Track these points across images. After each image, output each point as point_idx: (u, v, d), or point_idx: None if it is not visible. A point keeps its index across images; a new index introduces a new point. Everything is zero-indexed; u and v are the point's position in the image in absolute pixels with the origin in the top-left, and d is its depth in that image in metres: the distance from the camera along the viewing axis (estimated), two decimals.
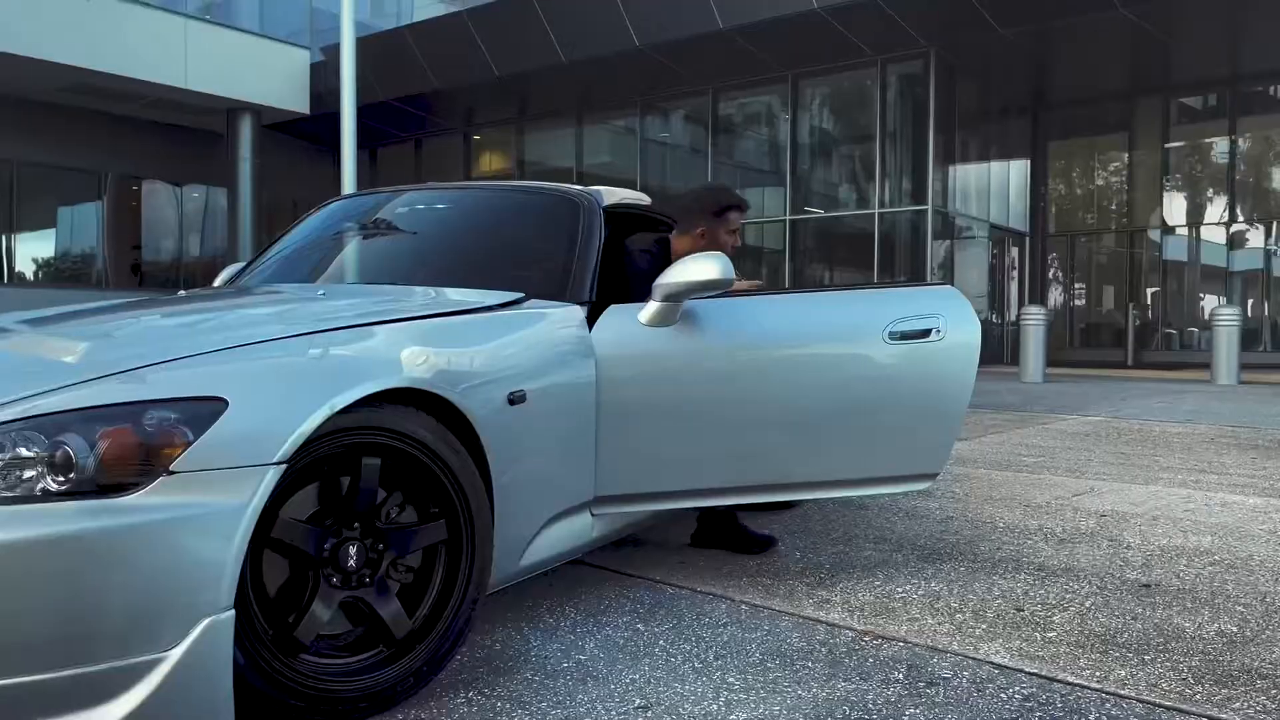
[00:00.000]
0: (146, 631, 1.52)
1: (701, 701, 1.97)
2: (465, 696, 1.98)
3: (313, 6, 18.45)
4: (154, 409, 1.62)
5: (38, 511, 1.50)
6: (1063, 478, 4.63)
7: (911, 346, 2.80)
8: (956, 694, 2.01)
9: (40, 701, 1.46)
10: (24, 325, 2.30)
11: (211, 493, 1.59)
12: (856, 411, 2.78)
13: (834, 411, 2.77)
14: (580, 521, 2.58)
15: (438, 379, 2.03)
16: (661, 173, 17.63)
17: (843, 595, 2.70)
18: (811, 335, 2.81)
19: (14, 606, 1.45)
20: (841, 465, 2.80)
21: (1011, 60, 14.36)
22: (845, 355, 2.81)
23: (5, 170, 15.87)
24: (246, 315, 2.26)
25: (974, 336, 2.85)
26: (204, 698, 1.56)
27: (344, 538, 1.86)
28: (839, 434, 2.78)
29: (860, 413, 2.78)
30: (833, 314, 2.88)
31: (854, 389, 2.79)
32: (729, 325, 2.74)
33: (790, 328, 2.80)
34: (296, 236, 3.35)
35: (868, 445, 2.81)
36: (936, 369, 2.82)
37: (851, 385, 2.79)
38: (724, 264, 2.60)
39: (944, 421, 2.85)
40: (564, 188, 3.14)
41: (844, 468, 2.81)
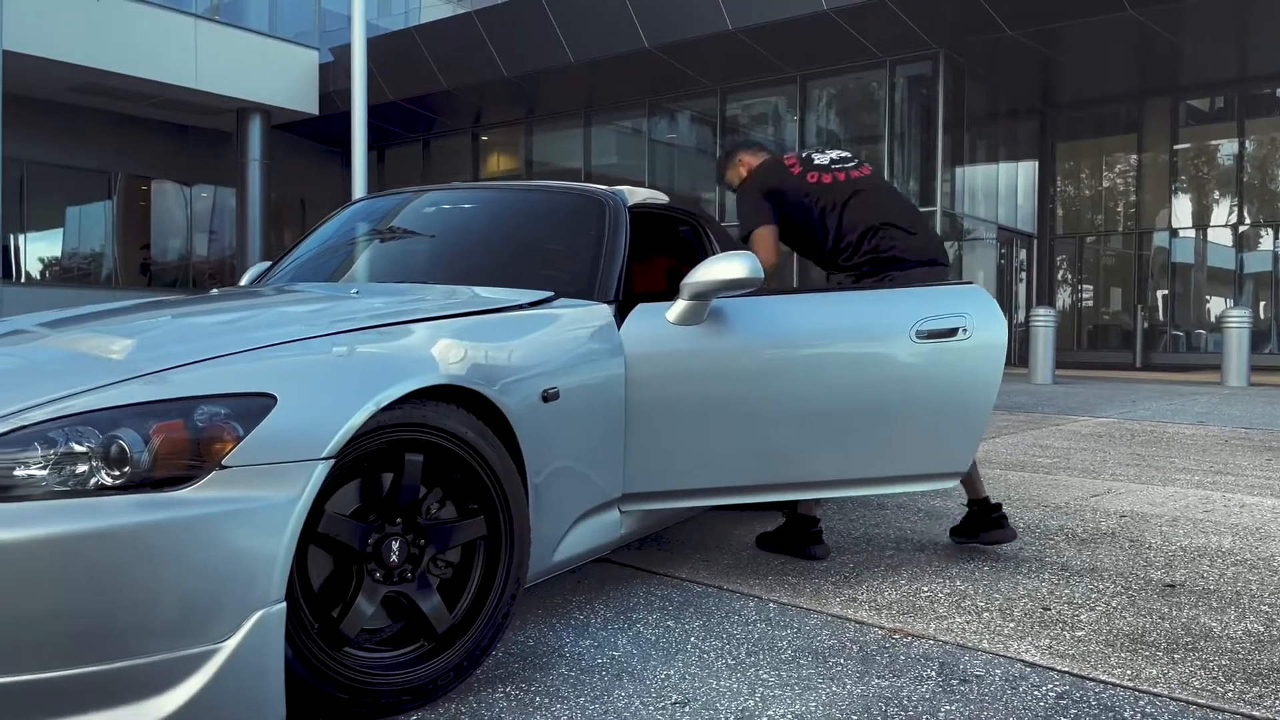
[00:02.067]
0: (201, 624, 1.54)
1: (738, 697, 1.98)
2: (504, 691, 2.00)
3: (321, 7, 18.49)
4: (205, 405, 1.65)
5: (93, 505, 1.52)
6: (1079, 479, 4.64)
7: (939, 345, 2.82)
8: (990, 691, 2.02)
9: (97, 693, 1.48)
10: (58, 325, 2.32)
11: (262, 487, 1.61)
12: (884, 410, 2.79)
13: (862, 410, 2.78)
14: (609, 518, 2.60)
15: (477, 376, 2.05)
16: (669, 173, 17.65)
17: (869, 594, 2.71)
18: (840, 334, 2.82)
19: (71, 599, 1.47)
20: (868, 464, 2.81)
21: (1020, 61, 14.36)
22: (873, 354, 2.82)
23: (15, 170, 15.90)
24: (286, 313, 2.28)
25: (1000, 336, 2.87)
26: (256, 689, 1.58)
27: (386, 533, 1.88)
28: (866, 433, 2.79)
29: (888, 411, 2.80)
30: (861, 313, 2.88)
31: (882, 388, 2.80)
32: (757, 324, 2.75)
33: (818, 327, 2.81)
34: (322, 236, 3.37)
35: (895, 444, 2.82)
36: (964, 368, 2.84)
37: (879, 384, 2.80)
38: (752, 263, 2.61)
39: (970, 421, 2.86)
40: (590, 187, 3.16)
41: (871, 466, 2.82)
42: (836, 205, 3.22)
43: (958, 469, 2.90)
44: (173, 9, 15.30)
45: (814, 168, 3.29)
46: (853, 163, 3.33)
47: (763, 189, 3.29)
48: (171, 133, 17.86)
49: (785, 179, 3.29)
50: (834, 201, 3.23)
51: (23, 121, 14.71)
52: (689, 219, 3.72)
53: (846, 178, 3.27)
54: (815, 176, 3.26)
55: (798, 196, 3.25)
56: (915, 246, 3.20)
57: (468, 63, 16.32)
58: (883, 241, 3.18)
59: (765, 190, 3.28)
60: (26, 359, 1.98)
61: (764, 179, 3.32)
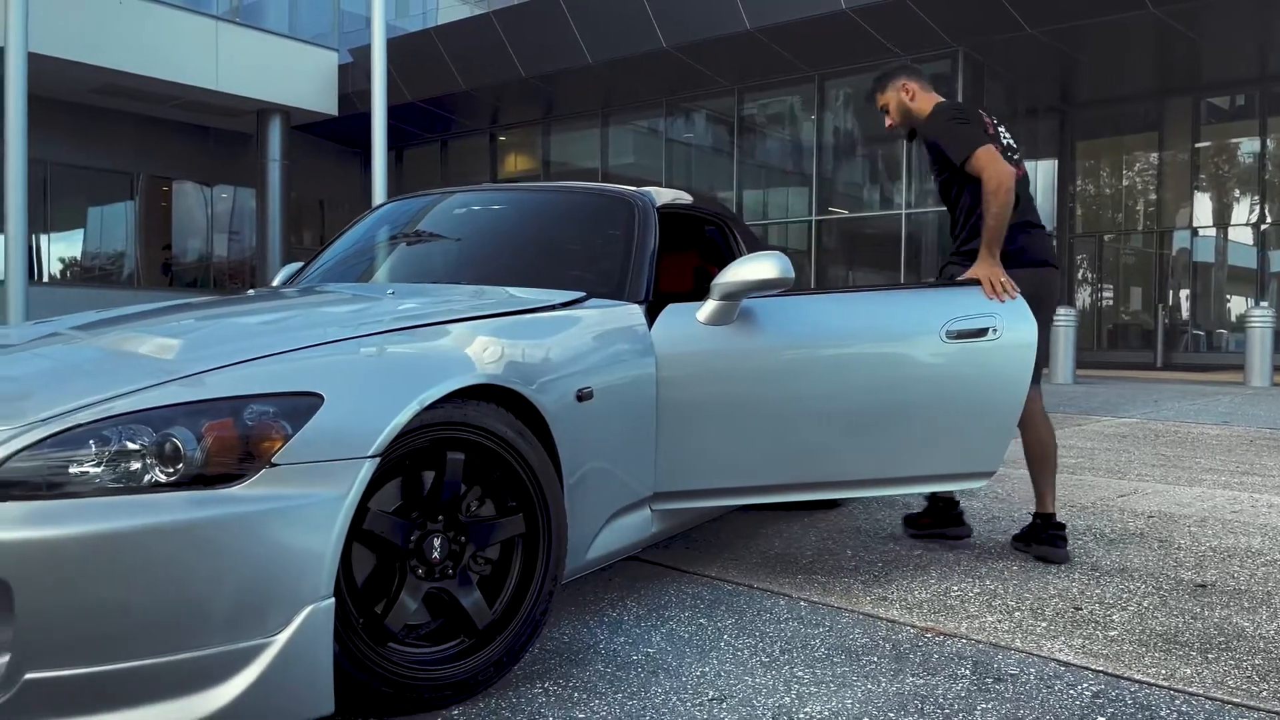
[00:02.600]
0: (253, 618, 1.57)
1: (774, 694, 2.00)
2: (542, 687, 2.03)
3: (340, 8, 18.59)
4: (254, 404, 1.68)
5: (147, 502, 1.56)
6: (1105, 479, 4.63)
7: (968, 345, 2.82)
8: (1026, 690, 2.03)
9: (156, 684, 1.51)
10: (100, 325, 2.36)
11: (311, 484, 1.64)
12: (914, 410, 2.80)
13: (891, 409, 2.78)
14: (640, 517, 2.62)
15: (515, 376, 2.08)
16: (686, 173, 17.65)
17: (899, 593, 2.72)
18: (869, 334, 2.83)
19: (128, 593, 1.51)
20: (898, 463, 2.82)
21: (1040, 60, 14.30)
22: (904, 354, 2.83)
23: (39, 171, 16.07)
24: (327, 314, 2.32)
25: (1031, 336, 2.86)
26: (307, 682, 1.62)
27: (428, 530, 1.90)
28: (896, 432, 2.80)
29: (917, 411, 2.80)
30: (891, 313, 2.90)
31: (912, 387, 2.80)
32: (787, 324, 2.76)
33: (848, 326, 2.83)
34: (353, 238, 3.41)
35: (924, 443, 2.82)
36: (994, 368, 2.84)
37: (910, 384, 2.81)
38: (783, 264, 2.62)
39: (1001, 421, 2.86)
40: (619, 188, 3.18)
41: (901, 465, 2.82)
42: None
43: (988, 469, 2.90)
44: (194, 11, 15.43)
45: (1000, 144, 3.10)
46: (1017, 156, 3.21)
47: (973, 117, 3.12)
48: (192, 134, 18.01)
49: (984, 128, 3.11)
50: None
51: (47, 123, 14.87)
52: (715, 219, 3.74)
53: (1020, 174, 3.14)
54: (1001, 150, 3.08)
55: None
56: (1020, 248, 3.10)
57: (486, 63, 16.38)
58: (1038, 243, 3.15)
59: (967, 118, 3.11)
60: (75, 359, 2.02)
61: (965, 111, 3.15)
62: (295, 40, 16.89)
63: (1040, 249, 3.17)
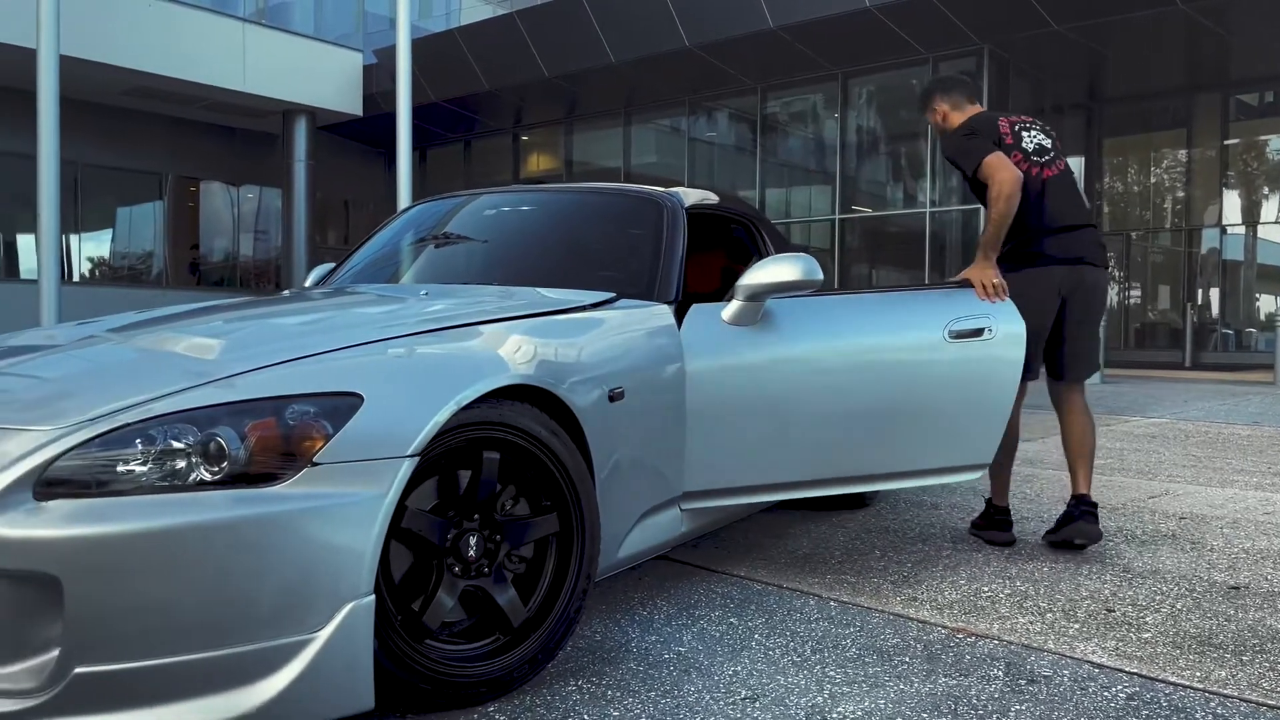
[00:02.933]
0: (296, 614, 1.60)
1: (806, 693, 2.01)
2: (576, 684, 2.04)
3: (364, 9, 18.71)
4: (296, 404, 1.70)
5: (193, 500, 1.59)
6: (1135, 479, 4.59)
7: (967, 344, 2.96)
8: (1060, 691, 2.03)
9: (202, 679, 1.54)
10: (140, 326, 2.40)
11: (352, 483, 1.67)
12: (921, 406, 2.91)
13: (902, 406, 2.89)
14: (670, 516, 2.63)
15: (549, 376, 2.10)
16: (709, 172, 17.63)
17: (929, 594, 2.72)
18: (883, 334, 2.94)
19: (174, 590, 1.54)
20: (907, 457, 2.93)
21: (1066, 56, 14.18)
22: (912, 353, 2.94)
23: (69, 171, 16.30)
24: (364, 315, 2.34)
25: (1021, 334, 3.01)
26: (347, 677, 1.64)
27: (464, 528, 1.92)
28: (906, 427, 2.91)
29: (924, 407, 2.92)
30: (901, 313, 3.01)
31: (919, 385, 2.92)
32: (806, 324, 2.82)
33: (863, 326, 2.93)
34: (384, 239, 3.44)
35: (930, 438, 2.95)
36: (989, 366, 2.98)
37: (917, 381, 2.92)
38: (809, 265, 2.67)
39: (996, 415, 3.00)
40: (648, 189, 3.20)
41: (909, 459, 2.94)
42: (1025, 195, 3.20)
43: (984, 460, 3.02)
44: (221, 13, 15.59)
45: (1020, 150, 3.25)
46: (1047, 156, 3.28)
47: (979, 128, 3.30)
48: (220, 135, 18.19)
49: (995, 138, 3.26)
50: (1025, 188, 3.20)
51: (77, 124, 15.08)
52: (742, 218, 3.74)
53: (1038, 174, 3.24)
54: (1018, 158, 3.23)
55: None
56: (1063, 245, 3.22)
57: (509, 63, 16.44)
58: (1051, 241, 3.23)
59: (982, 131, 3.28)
60: (118, 360, 2.05)
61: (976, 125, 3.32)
62: (320, 41, 17.02)
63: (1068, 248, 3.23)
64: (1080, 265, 3.23)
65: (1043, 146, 3.29)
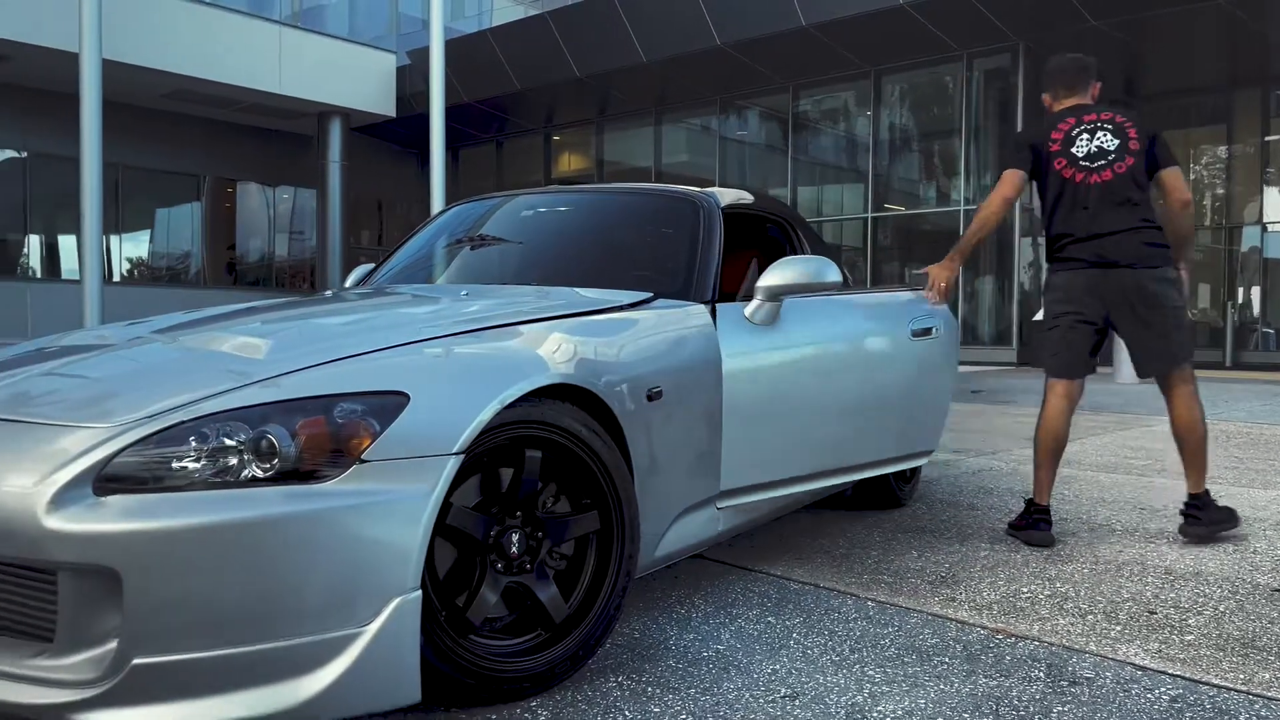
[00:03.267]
0: (345, 608, 1.63)
1: (846, 692, 2.01)
2: (616, 681, 2.06)
3: (398, 11, 18.86)
4: (344, 402, 1.74)
5: (245, 496, 1.62)
6: (1175, 481, 4.53)
7: (922, 342, 3.34)
8: (1102, 693, 2.02)
9: (255, 670, 1.57)
10: (187, 327, 2.45)
11: (399, 480, 1.70)
12: (898, 398, 3.28)
13: (886, 399, 3.23)
14: (707, 515, 2.65)
15: (589, 375, 2.12)
16: (740, 171, 17.60)
17: (967, 594, 2.72)
18: (870, 332, 3.26)
19: (228, 583, 1.57)
20: (883, 447, 3.23)
21: (1103, 52, 13.97)
22: (890, 350, 3.30)
23: (110, 173, 16.62)
24: (406, 315, 2.38)
25: (957, 333, 3.56)
26: (394, 671, 1.67)
27: (507, 525, 1.95)
28: (886, 419, 3.24)
29: (899, 399, 3.28)
30: (880, 313, 3.35)
31: (894, 379, 3.28)
32: (813, 323, 3.00)
33: (856, 325, 3.22)
34: (423, 240, 3.48)
35: (898, 427, 3.29)
36: (936, 361, 3.39)
37: (892, 376, 3.28)
38: (829, 266, 2.83)
39: (944, 405, 3.48)
40: (684, 189, 3.21)
41: (884, 449, 3.24)
42: (1063, 201, 3.30)
43: (933, 447, 3.52)
44: (258, 17, 15.79)
45: (1067, 156, 3.31)
46: (1105, 160, 3.28)
47: (1022, 140, 3.45)
48: (256, 136, 18.44)
49: (1041, 145, 3.36)
50: (1061, 195, 3.31)
51: (118, 127, 15.37)
52: (777, 218, 3.75)
53: (1084, 181, 3.28)
54: (1062, 164, 3.31)
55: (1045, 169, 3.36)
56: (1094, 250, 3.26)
57: (541, 63, 16.51)
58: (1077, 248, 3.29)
59: (1024, 142, 3.43)
60: (171, 360, 2.10)
61: (1028, 133, 3.48)
62: (355, 43, 17.21)
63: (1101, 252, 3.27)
64: (1115, 268, 3.25)
65: (1102, 150, 3.29)
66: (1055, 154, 3.31)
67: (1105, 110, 3.40)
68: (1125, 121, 3.33)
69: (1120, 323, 3.30)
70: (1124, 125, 3.32)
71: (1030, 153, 3.37)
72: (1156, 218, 3.31)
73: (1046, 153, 3.33)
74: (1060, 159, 3.30)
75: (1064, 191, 3.31)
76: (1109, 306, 3.29)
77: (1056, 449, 3.38)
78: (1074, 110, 3.40)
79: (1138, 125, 3.33)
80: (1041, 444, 3.39)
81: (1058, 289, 3.35)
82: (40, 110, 15.25)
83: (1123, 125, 3.32)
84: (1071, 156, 3.30)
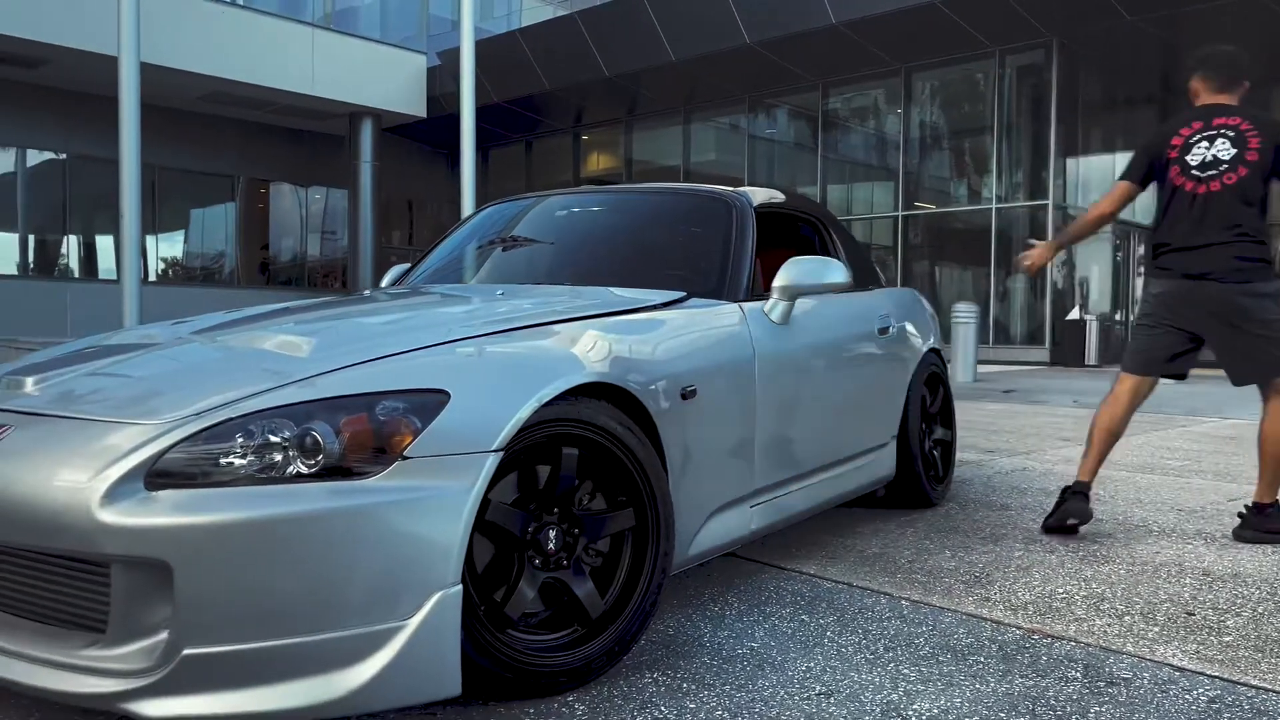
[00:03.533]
0: (388, 602, 1.66)
1: (881, 690, 2.02)
2: (651, 677, 2.08)
3: (428, 12, 18.99)
4: (386, 400, 1.77)
5: (291, 491, 1.66)
6: (1213, 482, 4.49)
7: (885, 338, 3.55)
8: (1140, 694, 2.01)
9: (301, 662, 1.61)
10: (231, 326, 2.49)
11: (440, 477, 1.73)
12: (870, 391, 3.48)
13: (864, 394, 3.42)
14: (740, 514, 2.66)
15: (624, 374, 2.14)
16: (769, 169, 17.56)
17: (1002, 594, 2.71)
18: (858, 329, 3.40)
19: (275, 576, 1.61)
20: (861, 439, 3.39)
21: (1139, 48, 13.82)
22: (869, 346, 3.47)
23: (147, 175, 16.90)
24: (444, 314, 2.41)
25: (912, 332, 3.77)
26: (436, 664, 1.70)
27: (544, 522, 1.98)
28: (864, 411, 3.43)
29: (871, 391, 3.48)
30: (865, 310, 3.51)
31: (869, 374, 3.48)
32: (818, 320, 3.09)
33: (849, 322, 3.35)
34: (457, 240, 3.52)
35: (870, 420, 3.47)
36: (895, 356, 3.63)
37: (868, 370, 3.48)
38: (838, 266, 2.91)
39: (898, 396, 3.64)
40: (717, 189, 3.23)
41: (861, 441, 3.39)
42: (1171, 209, 3.32)
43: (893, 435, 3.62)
44: (292, 19, 15.97)
45: (1181, 164, 3.31)
46: (1217, 170, 3.25)
47: (1142, 148, 3.47)
48: (288, 138, 18.65)
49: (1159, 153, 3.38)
50: (1171, 202, 3.32)
51: (154, 129, 15.61)
52: (810, 217, 3.75)
53: (1194, 190, 3.28)
54: (1176, 172, 3.32)
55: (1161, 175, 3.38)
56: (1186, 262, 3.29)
57: (570, 63, 16.57)
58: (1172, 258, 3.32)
59: (1142, 150, 3.46)
60: (217, 358, 2.15)
61: (1150, 139, 3.45)
62: (386, 45, 17.35)
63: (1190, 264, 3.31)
64: (1203, 281, 3.26)
65: (1217, 159, 3.26)
66: (1172, 160, 3.32)
67: (1236, 114, 3.32)
68: (1250, 129, 3.26)
69: (1210, 334, 3.32)
70: (1246, 133, 3.25)
71: (1146, 161, 3.40)
72: (1261, 230, 3.26)
73: (1164, 160, 3.35)
74: (1175, 166, 3.31)
75: (1174, 199, 3.32)
76: (1199, 317, 3.30)
77: (1108, 437, 3.45)
78: (1206, 112, 3.35)
79: (1264, 133, 3.25)
80: (1097, 427, 3.46)
81: (1154, 296, 3.39)
82: (79, 113, 15.54)
83: (1245, 133, 3.25)
84: (1185, 165, 3.30)
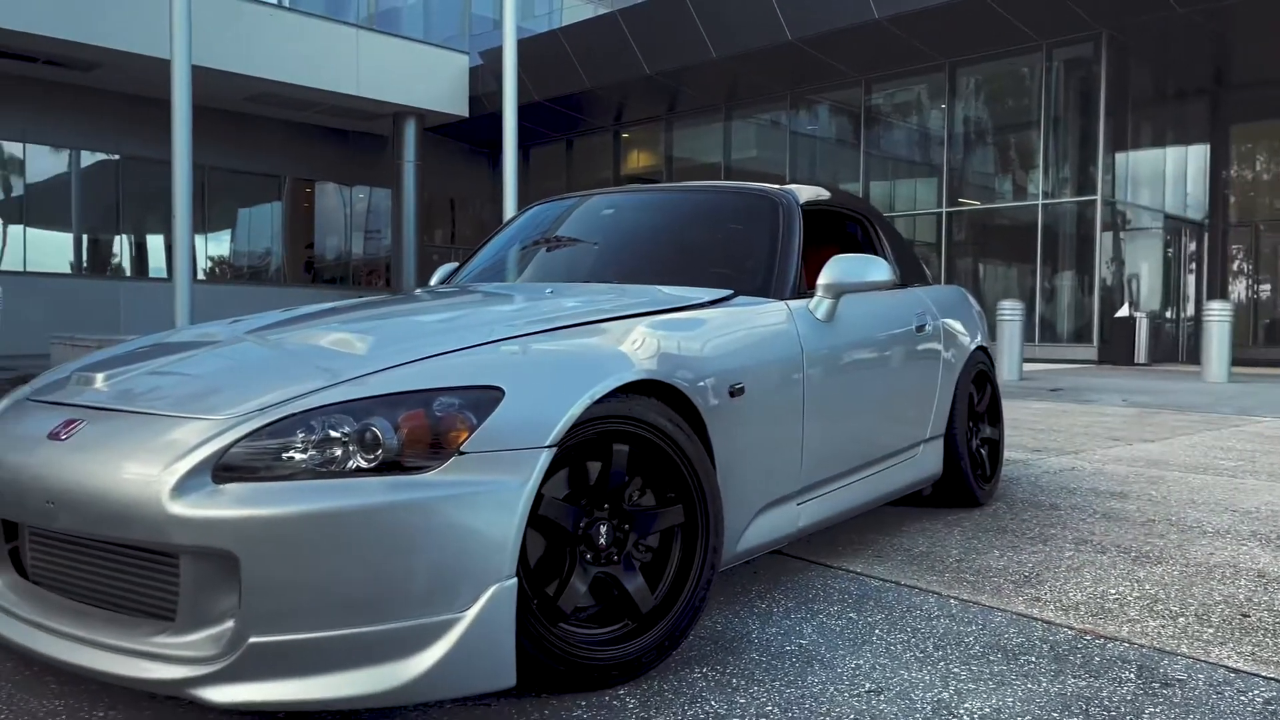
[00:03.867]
0: (446, 594, 1.69)
1: (931, 689, 2.02)
2: (701, 672, 2.10)
3: (470, 12, 19.13)
4: (443, 396, 1.80)
5: (351, 485, 1.70)
6: (1268, 483, 4.40)
7: (922, 336, 3.50)
8: (1195, 695, 1.99)
9: (362, 651, 1.65)
10: (289, 324, 2.55)
11: (496, 472, 1.76)
12: (916, 390, 3.44)
13: (910, 391, 3.41)
14: (787, 511, 2.67)
15: (673, 371, 2.16)
16: (811, 166, 17.46)
17: (1053, 594, 2.68)
18: (904, 327, 3.37)
19: (337, 567, 1.65)
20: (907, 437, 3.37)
21: (1190, 40, 13.54)
22: (915, 343, 3.45)
23: (197, 175, 17.22)
24: (496, 312, 2.45)
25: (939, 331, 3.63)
26: (492, 656, 1.73)
27: (595, 517, 2.00)
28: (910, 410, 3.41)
29: (916, 391, 3.45)
30: (911, 308, 3.50)
31: (915, 372, 3.45)
32: (864, 317, 3.10)
33: (895, 320, 3.34)
34: (504, 239, 3.56)
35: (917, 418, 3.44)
36: (931, 354, 3.56)
37: (916, 369, 3.45)
38: (882, 265, 2.90)
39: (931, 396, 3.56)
40: (764, 187, 3.23)
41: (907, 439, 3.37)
42: None
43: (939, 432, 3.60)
44: (336, 21, 16.18)
45: None
46: None
47: None
48: (333, 138, 18.91)
49: None
50: None
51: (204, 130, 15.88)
52: (856, 214, 3.74)
53: None
54: None
55: None
56: None
57: (611, 61, 16.60)
58: None
59: None
60: (276, 356, 2.20)
61: None
62: (429, 45, 17.51)
63: None
64: None
65: None
66: None
67: None
68: None
69: None
70: None
71: None
72: None
73: None
74: None
75: None
76: None
77: None
78: None
79: None
80: None
81: None
82: (131, 115, 15.87)
83: None
84: None
